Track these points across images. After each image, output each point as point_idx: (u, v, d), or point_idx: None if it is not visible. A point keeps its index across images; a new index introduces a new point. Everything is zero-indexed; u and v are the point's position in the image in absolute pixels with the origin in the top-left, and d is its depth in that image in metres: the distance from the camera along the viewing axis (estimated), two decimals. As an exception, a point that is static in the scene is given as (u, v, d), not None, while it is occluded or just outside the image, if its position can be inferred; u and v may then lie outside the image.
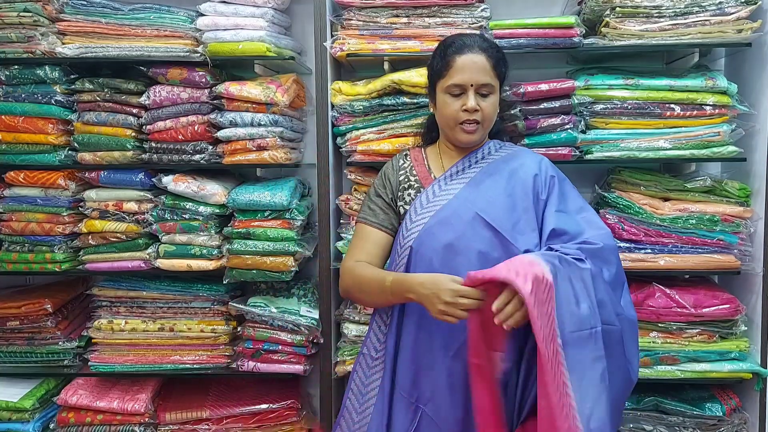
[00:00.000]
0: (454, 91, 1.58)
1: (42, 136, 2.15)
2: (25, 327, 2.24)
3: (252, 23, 2.09)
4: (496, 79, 1.60)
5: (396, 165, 1.72)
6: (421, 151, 1.75)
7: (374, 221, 1.66)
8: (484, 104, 1.58)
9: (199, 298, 2.21)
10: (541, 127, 2.08)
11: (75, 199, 2.21)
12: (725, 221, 2.08)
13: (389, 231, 1.66)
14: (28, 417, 2.21)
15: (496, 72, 1.60)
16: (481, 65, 1.57)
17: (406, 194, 1.65)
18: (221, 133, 2.13)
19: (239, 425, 2.22)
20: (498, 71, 1.61)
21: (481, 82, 1.57)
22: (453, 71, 1.58)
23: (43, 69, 2.12)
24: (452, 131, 1.62)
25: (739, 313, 2.08)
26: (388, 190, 1.68)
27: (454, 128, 1.61)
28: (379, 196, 1.69)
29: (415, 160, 1.72)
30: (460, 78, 1.57)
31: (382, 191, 1.69)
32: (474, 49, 1.58)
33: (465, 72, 1.57)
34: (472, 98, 1.57)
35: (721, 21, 2.01)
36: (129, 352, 2.23)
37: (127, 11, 2.12)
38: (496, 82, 1.60)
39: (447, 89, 1.59)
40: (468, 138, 1.61)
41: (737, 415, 2.13)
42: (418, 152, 1.75)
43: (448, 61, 1.59)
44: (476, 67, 1.57)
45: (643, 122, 2.08)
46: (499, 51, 1.64)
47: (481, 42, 1.61)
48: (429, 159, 1.71)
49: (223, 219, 2.20)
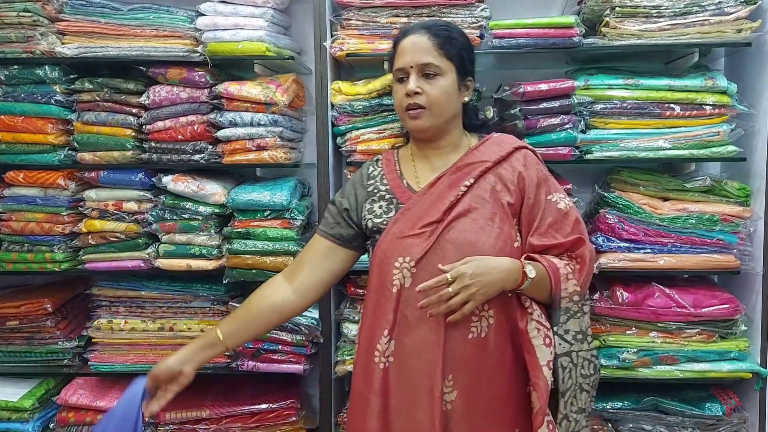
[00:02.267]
0: (399, 76, 1.52)
1: (41, 136, 2.15)
2: (24, 327, 2.24)
3: (251, 23, 2.09)
4: (445, 59, 1.50)
5: (365, 173, 1.64)
6: (394, 154, 1.66)
7: (324, 230, 1.62)
8: (429, 87, 1.49)
9: (198, 297, 2.21)
10: (540, 126, 2.08)
11: (74, 199, 2.21)
12: (725, 221, 2.08)
13: (335, 240, 1.60)
14: (28, 417, 2.21)
15: (443, 51, 1.50)
16: (422, 45, 1.49)
17: (376, 206, 1.56)
18: (221, 132, 2.13)
19: (239, 425, 2.22)
20: (445, 50, 1.50)
21: (422, 62, 1.48)
22: (396, 56, 1.53)
23: (43, 69, 2.12)
24: (403, 121, 1.56)
25: (738, 313, 2.08)
26: (345, 200, 1.62)
27: (403, 117, 1.54)
28: (333, 204, 1.64)
29: (386, 165, 1.63)
30: (401, 61, 1.51)
31: (338, 200, 1.63)
32: (416, 31, 1.51)
33: (406, 54, 1.50)
34: (412, 80, 1.49)
35: (721, 21, 2.01)
36: (129, 351, 2.23)
37: (126, 11, 2.12)
38: (443, 61, 1.50)
39: (395, 76, 1.54)
40: (414, 124, 1.52)
41: (737, 415, 2.13)
42: (390, 155, 1.66)
43: (395, 49, 1.54)
44: (416, 47, 1.49)
45: (643, 122, 2.08)
46: (448, 30, 1.53)
47: (428, 22, 1.54)
48: (401, 163, 1.62)
49: (222, 219, 2.20)
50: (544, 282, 1.45)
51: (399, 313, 1.45)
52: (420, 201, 1.51)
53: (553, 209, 1.51)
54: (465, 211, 1.47)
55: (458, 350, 1.44)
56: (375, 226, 1.54)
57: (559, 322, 1.47)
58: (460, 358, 1.44)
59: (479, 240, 1.44)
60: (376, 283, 1.50)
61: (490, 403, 1.47)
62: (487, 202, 1.48)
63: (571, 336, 1.47)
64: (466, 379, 1.45)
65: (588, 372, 1.50)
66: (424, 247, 1.44)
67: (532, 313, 1.46)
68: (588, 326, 1.52)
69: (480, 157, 1.54)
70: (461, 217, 1.46)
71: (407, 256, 1.45)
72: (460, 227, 1.45)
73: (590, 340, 1.51)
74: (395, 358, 1.47)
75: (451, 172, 1.52)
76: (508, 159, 1.54)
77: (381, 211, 1.55)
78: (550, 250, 1.50)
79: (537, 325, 1.45)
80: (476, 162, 1.53)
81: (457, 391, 1.44)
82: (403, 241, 1.47)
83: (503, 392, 1.49)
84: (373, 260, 1.53)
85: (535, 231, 1.49)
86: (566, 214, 1.51)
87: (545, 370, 1.42)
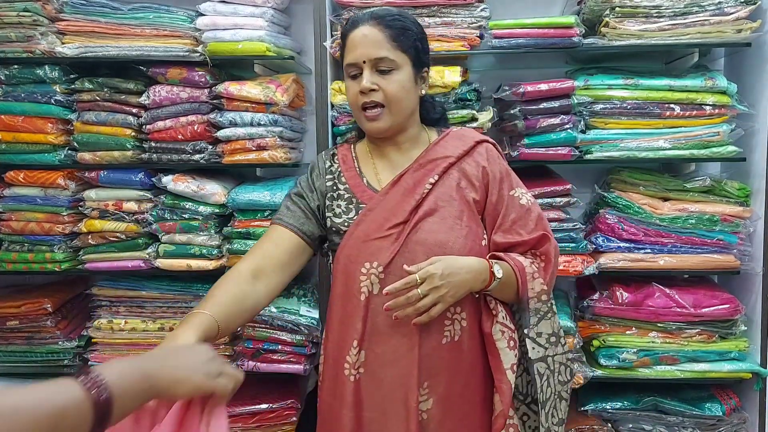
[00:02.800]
0: (351, 71, 1.42)
1: (42, 136, 2.15)
2: (24, 326, 2.24)
3: (251, 23, 2.09)
4: (399, 52, 1.39)
5: (323, 168, 1.52)
6: (350, 150, 1.54)
7: (289, 222, 1.45)
8: (385, 82, 1.38)
9: (199, 297, 2.20)
10: (540, 127, 2.08)
11: (75, 199, 2.21)
12: (725, 221, 2.08)
13: (304, 237, 1.45)
14: (28, 417, 2.21)
15: (397, 43, 1.39)
16: (374, 38, 1.38)
17: (336, 205, 1.46)
18: (221, 132, 2.13)
19: (239, 425, 2.22)
20: (399, 42, 1.39)
21: (375, 56, 1.37)
22: (347, 51, 1.42)
23: (43, 69, 2.12)
24: (359, 121, 1.45)
25: (738, 313, 2.08)
26: (315, 195, 1.49)
27: (359, 117, 1.44)
28: (303, 198, 1.49)
29: (343, 162, 1.51)
30: (352, 56, 1.40)
31: (308, 195, 1.49)
32: (365, 22, 1.40)
33: (357, 48, 1.39)
34: (366, 77, 1.38)
35: (721, 21, 2.01)
36: (129, 351, 2.22)
37: (126, 11, 2.12)
38: (398, 55, 1.39)
39: (346, 71, 1.43)
40: (373, 126, 1.42)
41: (737, 415, 2.13)
42: (347, 151, 1.54)
43: (344, 41, 1.44)
44: (367, 40, 1.38)
45: (643, 122, 2.08)
46: (400, 20, 1.41)
47: (378, 12, 1.41)
48: (359, 159, 1.52)
49: (222, 219, 2.20)
50: (511, 281, 1.39)
51: (368, 322, 1.38)
52: (383, 201, 1.42)
53: (516, 205, 1.45)
54: (431, 210, 1.39)
55: (433, 356, 1.38)
56: (334, 227, 1.45)
57: (530, 324, 1.41)
58: (435, 364, 1.38)
59: (449, 240, 1.37)
60: (341, 290, 1.41)
61: (466, 409, 1.42)
62: (454, 200, 1.41)
63: (544, 339, 1.43)
64: (441, 385, 1.39)
65: (565, 378, 1.46)
66: (392, 251, 1.36)
67: (497, 315, 1.40)
68: (560, 328, 1.47)
69: (442, 153, 1.46)
70: (428, 216, 1.39)
71: (374, 261, 1.37)
72: (428, 227, 1.38)
73: (564, 342, 1.47)
74: (366, 369, 1.39)
75: (414, 170, 1.44)
76: (471, 153, 1.47)
77: (340, 210, 1.45)
78: (515, 248, 1.44)
79: (501, 327, 1.40)
80: (439, 158, 1.45)
81: (432, 399, 1.38)
82: (368, 245, 1.38)
83: (477, 397, 1.44)
84: (336, 266, 1.44)
85: (499, 228, 1.43)
86: (529, 209, 1.46)
87: (509, 373, 1.37)
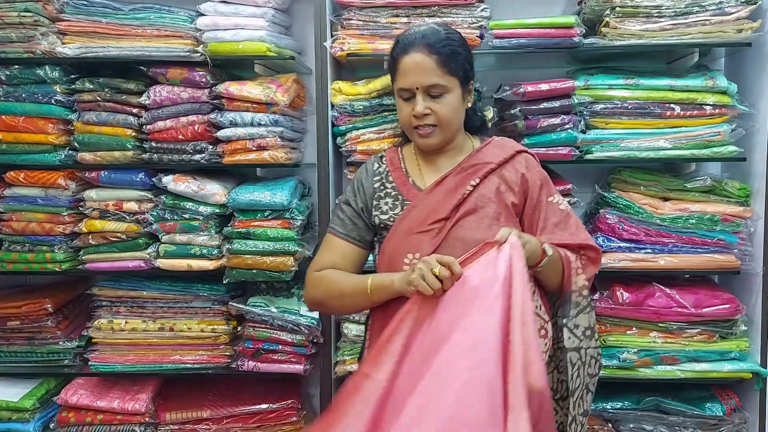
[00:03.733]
0: (404, 95, 1.50)
1: (42, 136, 2.15)
2: (25, 327, 2.24)
3: (252, 23, 2.09)
4: (449, 77, 1.47)
5: (371, 169, 1.61)
6: (398, 152, 1.64)
7: (341, 232, 1.57)
8: (437, 106, 1.47)
9: (199, 297, 2.21)
10: (541, 126, 2.08)
11: (75, 199, 2.21)
12: (725, 221, 2.08)
13: (356, 242, 1.57)
14: (29, 417, 2.21)
15: (447, 69, 1.47)
16: (426, 66, 1.45)
17: (383, 203, 1.55)
18: (221, 132, 2.13)
19: (239, 425, 2.22)
20: (449, 68, 1.47)
21: (427, 83, 1.46)
22: (399, 74, 1.50)
23: (44, 69, 2.12)
24: (411, 136, 1.56)
25: (739, 313, 2.08)
26: (359, 198, 1.58)
27: (411, 133, 1.54)
28: (348, 205, 1.59)
29: (390, 163, 1.61)
30: (405, 82, 1.48)
31: (352, 199, 1.59)
32: (416, 48, 1.46)
33: (409, 75, 1.47)
34: (419, 103, 1.47)
35: (721, 21, 2.01)
36: (129, 351, 2.22)
37: (127, 11, 2.12)
38: (448, 79, 1.47)
39: (398, 93, 1.52)
40: (425, 142, 1.52)
41: (737, 415, 2.13)
42: (394, 153, 1.64)
43: (395, 62, 1.51)
44: (419, 68, 1.45)
45: (644, 122, 2.08)
46: (449, 44, 1.48)
47: (428, 37, 1.47)
48: (405, 161, 1.61)
49: (223, 219, 2.20)
50: (557, 267, 1.46)
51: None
52: (426, 199, 1.51)
53: (557, 210, 1.53)
54: (472, 210, 1.47)
55: None
56: (382, 223, 1.54)
57: (569, 315, 1.47)
58: None
59: (487, 238, 1.41)
60: None
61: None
62: (493, 202, 1.49)
63: (580, 332, 1.49)
64: None
65: (594, 371, 1.52)
66: (434, 244, 1.45)
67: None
68: (594, 323, 1.53)
69: (484, 159, 1.54)
70: (468, 215, 1.47)
71: (417, 253, 1.44)
72: (468, 225, 1.46)
73: (596, 337, 1.53)
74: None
75: (456, 173, 1.53)
76: (511, 161, 1.55)
77: (387, 207, 1.54)
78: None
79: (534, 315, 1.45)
80: (480, 163, 1.53)
81: None
82: (412, 238, 1.47)
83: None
84: (381, 257, 1.54)
85: (542, 231, 1.51)
86: (568, 214, 1.54)
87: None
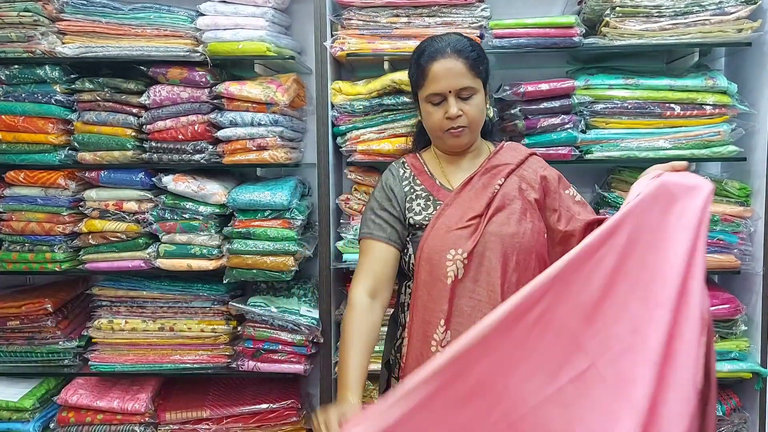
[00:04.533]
0: (435, 100, 1.56)
1: (42, 136, 2.15)
2: (25, 327, 2.24)
3: (252, 23, 2.09)
4: (476, 79, 1.56)
5: (397, 175, 1.67)
6: (418, 158, 1.71)
7: (382, 236, 1.59)
8: (468, 107, 1.55)
9: (199, 297, 2.21)
10: (541, 126, 2.08)
11: (75, 199, 2.21)
12: (725, 221, 2.08)
13: (398, 246, 1.60)
14: (28, 417, 2.21)
15: (475, 72, 1.55)
16: (457, 70, 1.53)
17: (415, 204, 1.61)
18: (221, 132, 2.13)
19: (239, 425, 2.23)
20: (477, 71, 1.56)
21: (460, 86, 1.53)
22: (429, 81, 1.55)
23: (43, 68, 2.12)
24: (440, 139, 1.61)
25: (739, 313, 2.08)
26: (394, 202, 1.62)
27: (441, 136, 1.59)
28: (385, 210, 1.62)
29: (414, 168, 1.68)
30: (437, 87, 1.54)
31: (387, 204, 1.62)
32: (447, 54, 1.54)
33: (441, 80, 1.54)
34: (453, 105, 1.54)
35: (721, 21, 2.01)
36: (129, 351, 2.23)
37: (127, 11, 2.12)
38: (476, 82, 1.56)
39: (427, 98, 1.57)
40: (457, 142, 1.59)
41: (737, 415, 2.13)
42: (415, 159, 1.71)
43: (423, 70, 1.56)
44: (452, 73, 1.53)
45: (643, 122, 2.09)
46: (474, 49, 1.57)
47: (455, 44, 1.56)
48: (428, 165, 1.68)
49: (223, 219, 2.20)
50: None
51: (454, 304, 1.50)
52: (458, 198, 1.58)
53: (575, 199, 1.64)
54: (501, 207, 1.55)
55: None
56: (417, 223, 1.58)
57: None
58: None
59: (519, 232, 1.52)
60: (425, 277, 1.53)
61: None
62: (518, 199, 1.56)
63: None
64: None
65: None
66: (474, 239, 1.51)
67: None
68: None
69: (503, 160, 1.63)
70: (499, 212, 1.54)
71: (459, 248, 1.50)
72: (500, 220, 1.53)
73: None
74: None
75: (481, 173, 1.60)
76: (526, 162, 1.64)
77: (420, 208, 1.60)
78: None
79: None
80: (501, 164, 1.61)
81: None
82: (451, 235, 1.52)
83: None
84: (419, 255, 1.55)
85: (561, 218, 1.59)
86: (584, 203, 1.65)
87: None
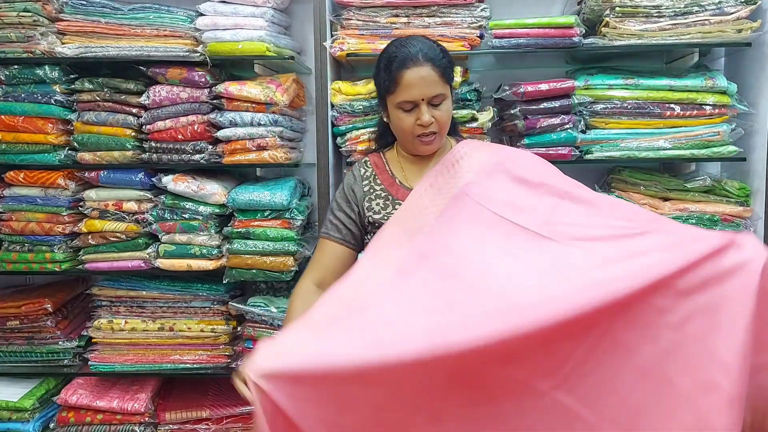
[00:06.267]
0: (406, 107, 1.54)
1: (42, 136, 2.15)
2: (25, 327, 2.24)
3: (252, 23, 2.09)
4: (446, 85, 1.56)
5: (358, 175, 1.69)
6: (381, 157, 1.71)
7: (337, 237, 1.63)
8: (439, 113, 1.55)
9: (199, 297, 2.21)
10: (540, 126, 2.08)
11: (75, 199, 2.21)
12: (725, 221, 2.08)
13: (352, 246, 1.64)
14: (28, 417, 2.21)
15: (446, 78, 1.55)
16: (430, 79, 1.52)
17: (374, 204, 1.63)
18: (221, 132, 2.13)
19: (239, 425, 2.23)
20: (447, 77, 1.56)
21: (432, 94, 1.53)
22: (402, 88, 1.53)
23: (43, 69, 2.12)
24: (410, 144, 1.60)
25: (738, 313, 2.08)
26: (353, 203, 1.65)
27: (411, 141, 1.59)
28: (342, 211, 1.65)
29: (376, 166, 1.69)
30: (409, 95, 1.52)
31: (345, 206, 1.66)
32: (419, 62, 1.52)
33: (414, 88, 1.52)
34: (426, 113, 1.53)
35: (721, 21, 2.01)
36: (129, 351, 2.23)
37: (126, 11, 2.12)
38: (445, 88, 1.56)
39: (398, 105, 1.55)
40: (427, 149, 1.60)
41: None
42: (378, 158, 1.71)
43: (394, 77, 1.54)
44: (425, 81, 1.52)
45: (643, 122, 2.08)
46: (444, 56, 1.57)
47: (426, 51, 1.54)
48: (390, 164, 1.68)
49: (222, 219, 2.20)
50: None
51: None
52: None
53: None
54: None
55: None
56: (376, 222, 1.59)
57: None
58: None
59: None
60: None
61: None
62: None
63: None
64: None
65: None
66: None
67: None
68: None
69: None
70: None
71: None
72: None
73: None
74: None
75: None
76: None
77: (379, 207, 1.61)
78: None
79: None
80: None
81: None
82: None
83: None
84: None
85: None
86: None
87: None
